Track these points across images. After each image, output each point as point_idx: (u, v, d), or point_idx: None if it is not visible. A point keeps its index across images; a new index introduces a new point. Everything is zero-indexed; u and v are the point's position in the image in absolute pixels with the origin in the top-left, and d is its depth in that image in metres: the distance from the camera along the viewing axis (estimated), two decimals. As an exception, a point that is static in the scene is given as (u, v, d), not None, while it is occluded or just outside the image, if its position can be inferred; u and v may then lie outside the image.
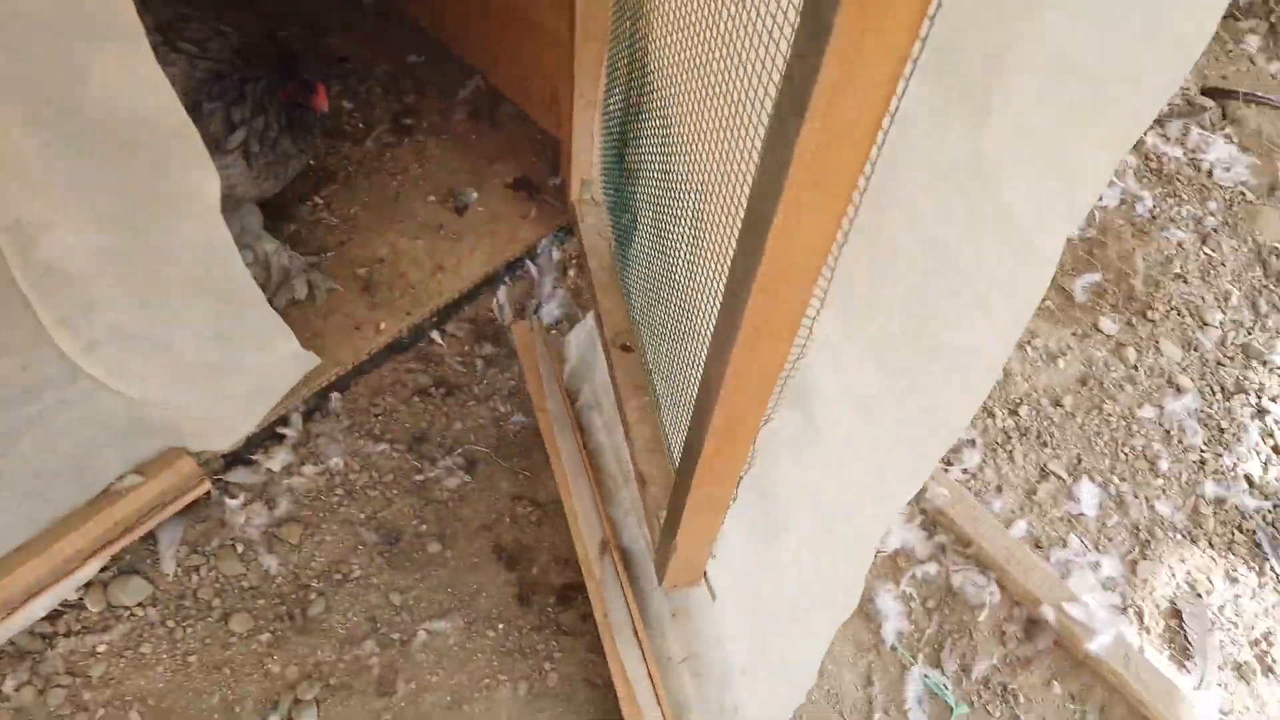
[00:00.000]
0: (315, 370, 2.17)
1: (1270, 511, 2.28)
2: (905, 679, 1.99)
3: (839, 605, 1.43)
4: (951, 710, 1.96)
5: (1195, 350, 2.55)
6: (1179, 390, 2.45)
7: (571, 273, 2.52)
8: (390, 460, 2.22)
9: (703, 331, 1.32)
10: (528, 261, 2.48)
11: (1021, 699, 1.99)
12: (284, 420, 2.18)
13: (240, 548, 2.06)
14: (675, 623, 1.89)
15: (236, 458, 2.13)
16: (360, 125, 2.66)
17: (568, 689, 1.95)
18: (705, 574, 1.67)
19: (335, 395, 2.25)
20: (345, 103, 2.68)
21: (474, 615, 2.03)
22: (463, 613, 2.03)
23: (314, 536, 2.12)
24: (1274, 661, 2.05)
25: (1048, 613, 2.00)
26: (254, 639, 1.99)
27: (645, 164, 1.70)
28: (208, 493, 2.06)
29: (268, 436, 2.17)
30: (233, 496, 2.10)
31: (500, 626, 2.02)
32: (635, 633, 1.89)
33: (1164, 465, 2.33)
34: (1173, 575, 2.17)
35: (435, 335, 2.38)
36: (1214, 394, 2.47)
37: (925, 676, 1.98)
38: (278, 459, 2.16)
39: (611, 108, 1.96)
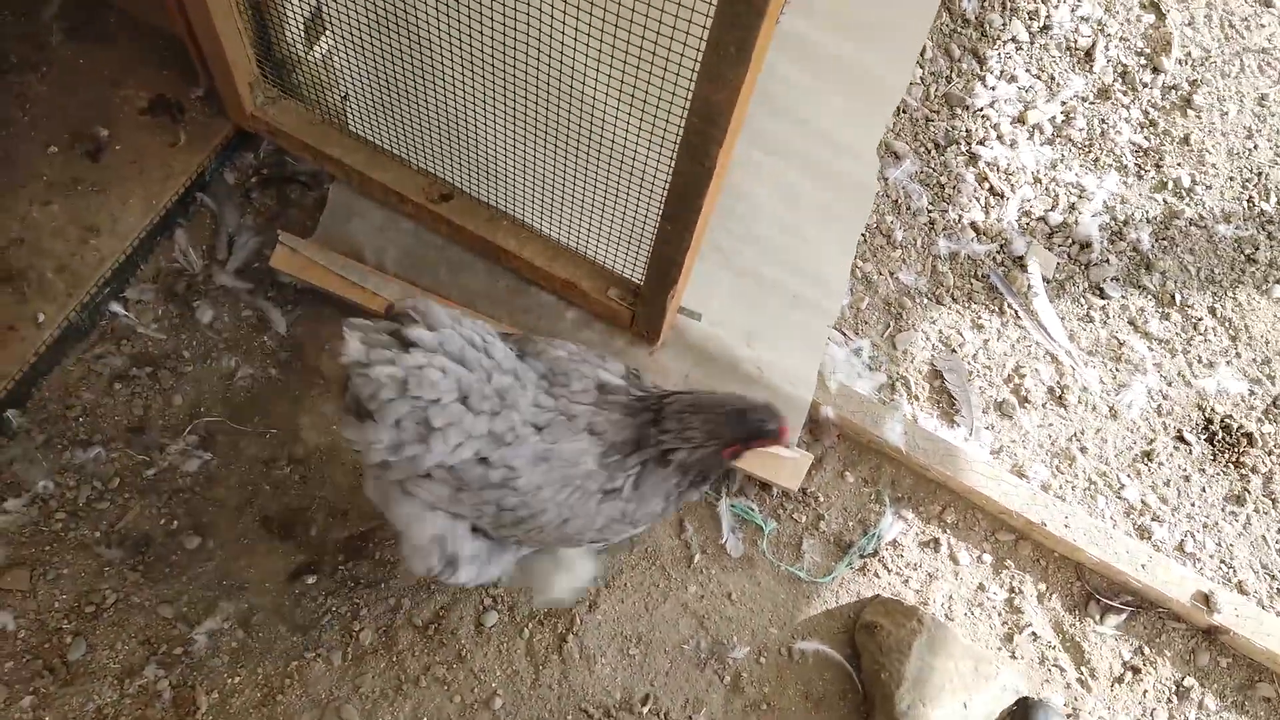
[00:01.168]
0: (-27, 393, 1.81)
1: (998, 252, 2.41)
2: (715, 515, 2.01)
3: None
4: (763, 529, 2.00)
5: (904, 112, 2.58)
6: (897, 157, 2.49)
7: (255, 194, 2.20)
8: (110, 463, 1.93)
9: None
10: (198, 194, 2.13)
11: (820, 497, 2.06)
12: (-43, 461, 1.83)
13: (-44, 620, 1.75)
14: (662, 358, 2.04)
15: (-88, 522, 1.78)
16: (-69, 77, 2.13)
17: (385, 640, 1.84)
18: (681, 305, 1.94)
19: (12, 412, 1.90)
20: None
21: (259, 600, 1.85)
22: (246, 601, 1.84)
23: (47, 575, 1.83)
24: (1028, 391, 2.22)
25: (827, 412, 2.05)
26: (14, 707, 1.73)
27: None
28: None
29: (-56, 485, 1.82)
30: (-75, 567, 1.76)
31: (290, 602, 1.85)
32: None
33: (899, 235, 2.40)
34: (927, 339, 2.27)
35: (116, 308, 2.03)
36: (929, 152, 2.54)
37: (732, 506, 2.01)
38: (-34, 506, 1.83)
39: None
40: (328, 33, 1.98)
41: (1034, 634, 1.97)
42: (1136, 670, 1.95)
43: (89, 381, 1.99)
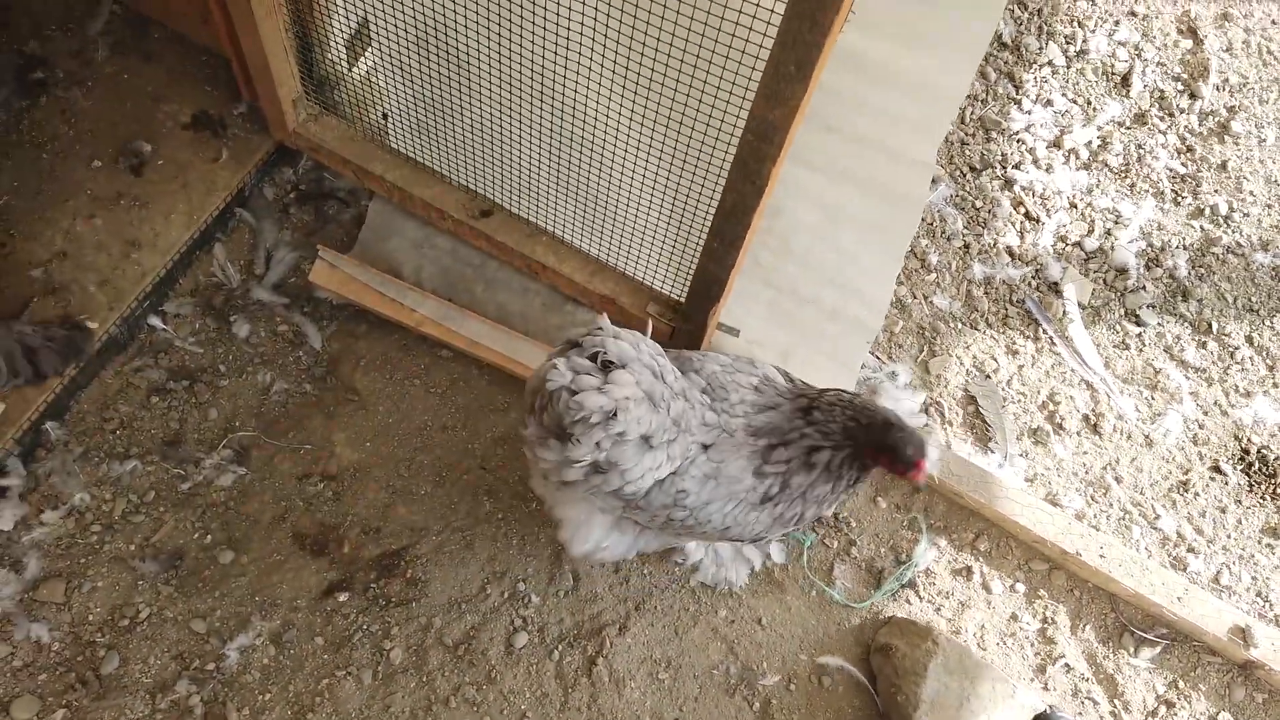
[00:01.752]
0: (14, 403, 1.83)
1: (1033, 278, 2.39)
2: (745, 538, 2.00)
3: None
4: (802, 544, 2.00)
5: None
6: (933, 180, 2.48)
7: (293, 209, 2.22)
8: (146, 476, 1.94)
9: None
10: (238, 210, 2.15)
11: (853, 523, 2.05)
12: (-1, 471, 1.85)
13: (-7, 630, 1.77)
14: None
15: (-48, 532, 1.80)
16: (-22, 90, 2.16)
17: (416, 659, 1.84)
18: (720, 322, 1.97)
19: (52, 424, 1.92)
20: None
21: (291, 616, 1.86)
22: (278, 618, 1.85)
23: (82, 587, 1.85)
24: (1062, 418, 2.20)
25: (861, 437, 2.04)
26: (47, 719, 1.75)
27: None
28: (-71, 584, 1.74)
29: (-16, 496, 1.84)
30: (-36, 577, 1.78)
31: (322, 619, 1.86)
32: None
33: (934, 259, 2.39)
34: (961, 364, 2.26)
35: (155, 321, 2.05)
36: (964, 175, 2.53)
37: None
38: (6, 516, 1.84)
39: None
40: (370, 51, 2.00)
41: (1067, 665, 1.95)
42: (1171, 704, 1.93)
43: (127, 394, 2.00)
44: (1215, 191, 2.58)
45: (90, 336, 1.92)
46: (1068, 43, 2.77)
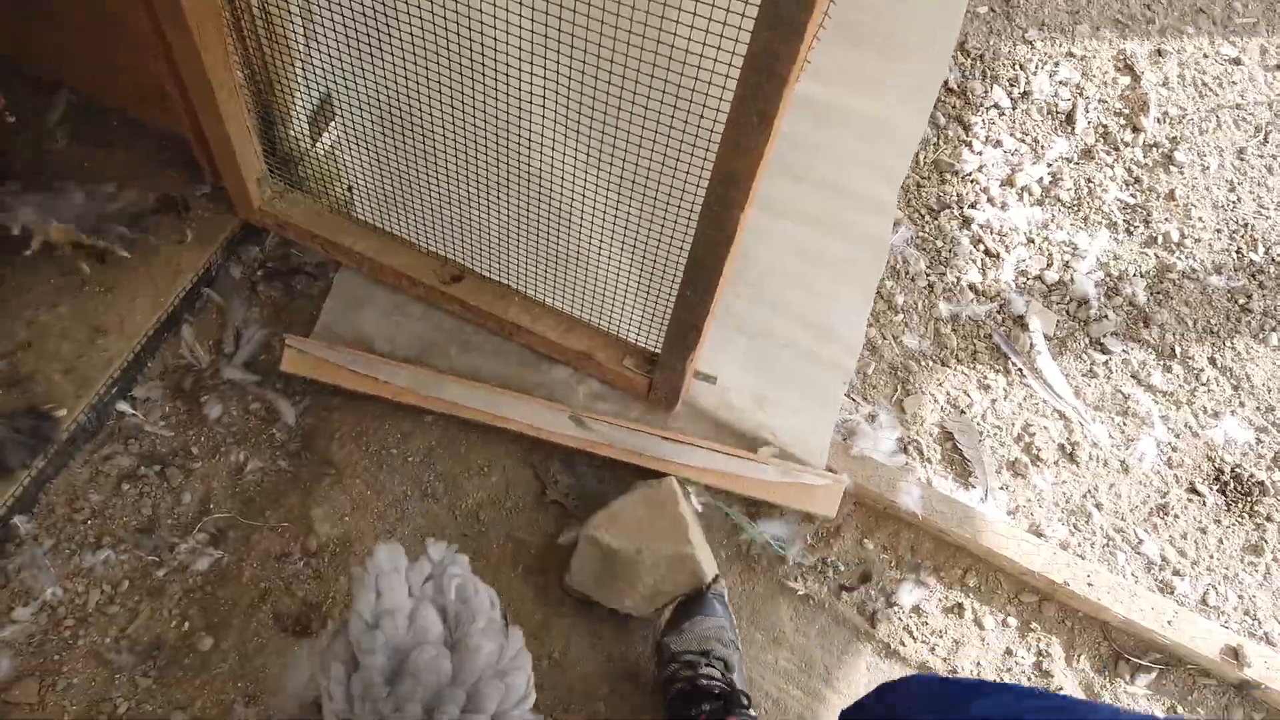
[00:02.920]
0: (-18, 500, 1.78)
1: (998, 312, 2.43)
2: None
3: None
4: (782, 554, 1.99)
5: (896, 179, 2.63)
6: (895, 223, 2.54)
7: (261, 286, 2.21)
8: (119, 565, 1.89)
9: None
10: (205, 290, 2.14)
11: (841, 567, 2.04)
12: (-35, 571, 1.80)
13: (-37, 738, 1.70)
14: (676, 425, 2.05)
15: (-82, 636, 1.74)
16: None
17: (407, 737, 1.79)
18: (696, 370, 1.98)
19: (20, 518, 1.87)
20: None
21: (276, 701, 1.80)
22: (262, 703, 1.80)
23: (56, 685, 1.78)
24: (1039, 449, 2.22)
25: (844, 480, 2.04)
26: (23, 828, 1.67)
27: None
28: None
29: (-49, 597, 1.78)
30: (-69, 683, 1.72)
31: (310, 704, 1.80)
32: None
33: (900, 299, 2.42)
34: (935, 401, 2.28)
35: (124, 406, 2.02)
36: (923, 217, 2.58)
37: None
38: (-25, 617, 1.79)
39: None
40: (332, 125, 2.02)
41: (1066, 698, 1.94)
42: (1172, 730, 1.92)
43: (97, 483, 1.96)
44: (1165, 219, 2.65)
45: (58, 425, 1.88)
46: (1011, 85, 2.86)
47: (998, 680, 1.93)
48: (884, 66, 2.58)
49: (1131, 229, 2.63)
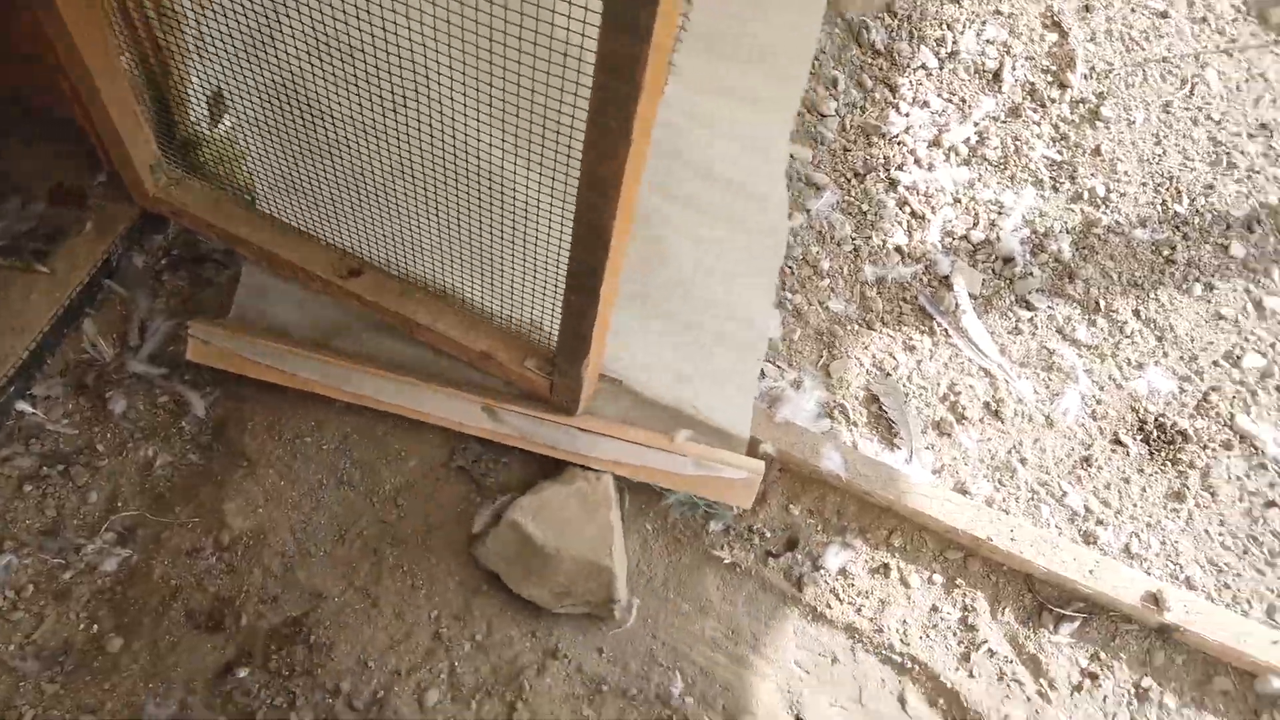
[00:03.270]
0: (-128, 508, 1.72)
1: (924, 274, 2.42)
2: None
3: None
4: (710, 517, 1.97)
5: (822, 144, 2.61)
6: (818, 189, 2.51)
7: (166, 276, 2.15)
8: (23, 570, 1.84)
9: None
10: (105, 281, 2.08)
11: (767, 534, 2.02)
12: None
13: None
14: (595, 407, 1.99)
15: None
16: None
17: (326, 727, 1.76)
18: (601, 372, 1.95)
19: (-85, 526, 1.82)
20: None
21: (188, 699, 1.76)
22: (174, 702, 1.76)
23: (-41, 694, 1.73)
24: (964, 408, 2.22)
25: (766, 447, 2.02)
26: (-71, 841, 1.63)
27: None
28: None
29: None
30: None
31: (222, 698, 1.76)
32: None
33: (825, 265, 2.40)
34: (861, 365, 2.27)
35: (23, 406, 1.96)
36: (849, 182, 2.56)
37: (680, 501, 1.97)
38: None
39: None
40: (230, 109, 1.96)
41: (990, 650, 1.94)
42: (1094, 676, 1.92)
43: (-3, 485, 1.91)
44: (1092, 175, 2.64)
45: None
46: (939, 45, 2.84)
47: (923, 636, 1.93)
48: (745, 67, 2.52)
49: (1058, 185, 2.62)
